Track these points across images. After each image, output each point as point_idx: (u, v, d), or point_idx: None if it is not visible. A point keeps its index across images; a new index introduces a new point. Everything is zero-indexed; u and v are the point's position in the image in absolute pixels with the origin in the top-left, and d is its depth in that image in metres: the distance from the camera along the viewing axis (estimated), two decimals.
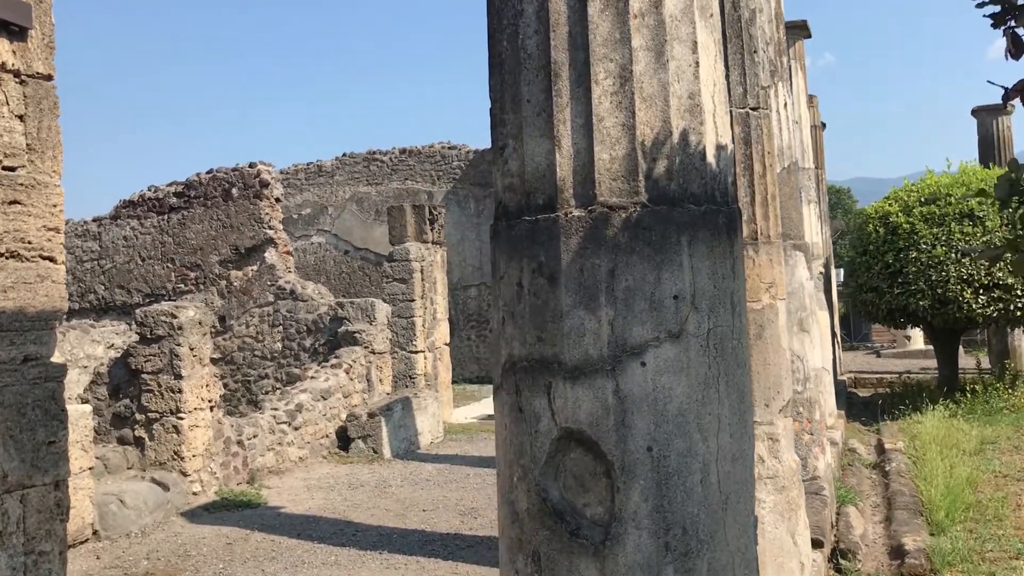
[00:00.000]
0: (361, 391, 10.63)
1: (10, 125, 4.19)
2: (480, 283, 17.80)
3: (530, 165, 2.18)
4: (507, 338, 2.26)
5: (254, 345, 12.42)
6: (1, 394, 4.08)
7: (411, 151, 18.31)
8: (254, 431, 8.67)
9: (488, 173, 17.70)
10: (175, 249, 12.92)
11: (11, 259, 4.15)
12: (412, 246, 12.09)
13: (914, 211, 12.15)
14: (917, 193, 12.51)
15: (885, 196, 13.49)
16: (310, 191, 19.08)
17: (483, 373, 17.71)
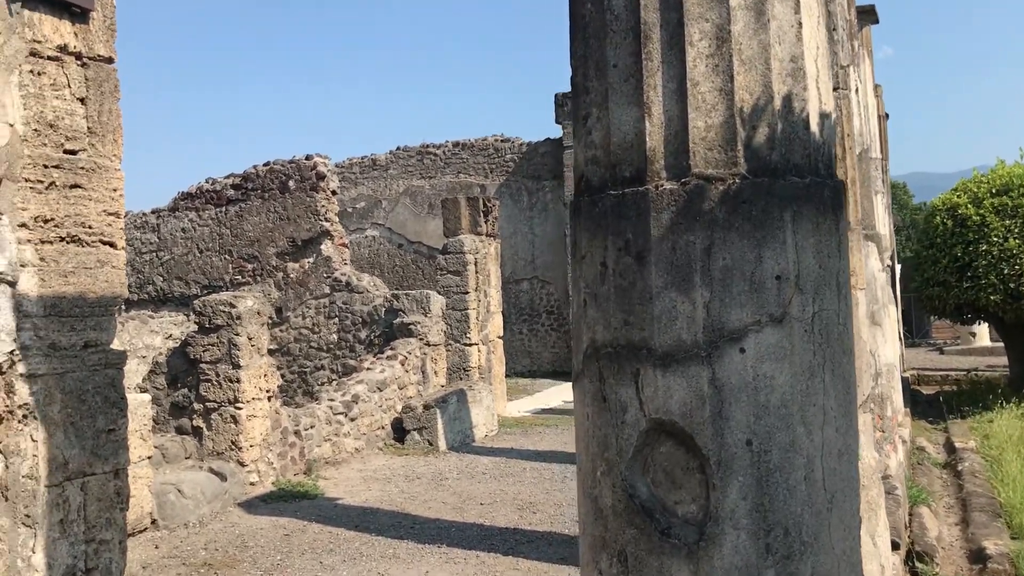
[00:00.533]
0: (416, 383, 10.57)
1: (71, 108, 4.15)
2: (532, 277, 17.67)
3: (616, 135, 2.04)
4: (589, 322, 2.12)
5: (310, 336, 12.44)
6: (62, 380, 4.05)
7: (464, 144, 18.24)
8: (311, 422, 8.64)
9: (542, 166, 17.56)
10: (232, 241, 12.99)
11: (72, 244, 4.11)
12: (466, 238, 11.99)
13: (984, 203, 11.72)
14: (988, 184, 12.07)
15: (952, 188, 13.05)
16: (364, 185, 19.11)
17: (535, 367, 17.59)
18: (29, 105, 3.91)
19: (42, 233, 3.95)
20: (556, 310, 17.53)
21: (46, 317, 3.94)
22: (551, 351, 17.57)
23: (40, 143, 3.96)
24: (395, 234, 18.76)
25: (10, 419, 3.77)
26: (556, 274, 17.42)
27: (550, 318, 17.56)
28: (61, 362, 4.00)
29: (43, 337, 3.92)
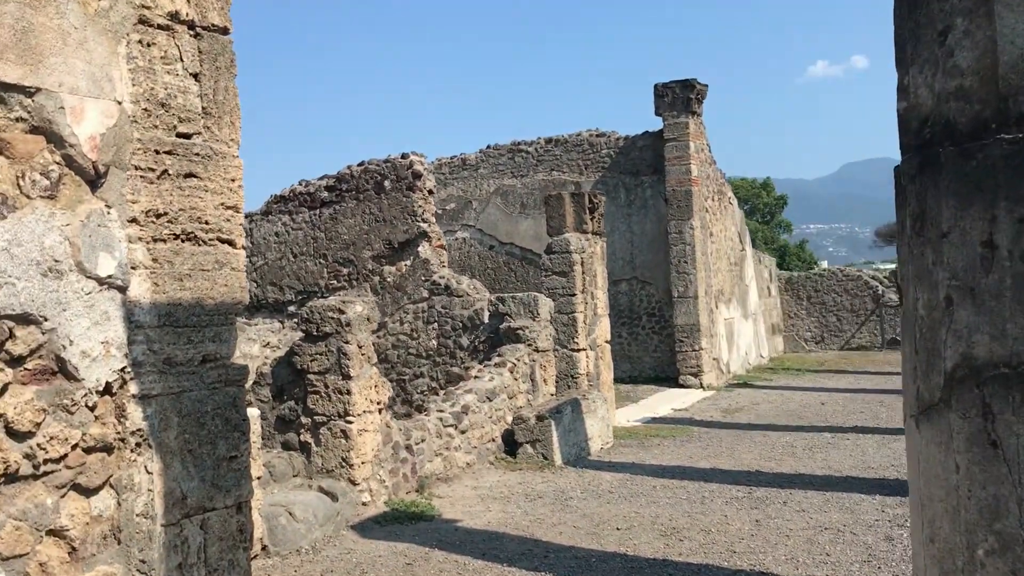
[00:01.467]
0: (526, 391, 9.91)
1: (184, 85, 3.58)
2: (631, 277, 16.88)
3: (1008, 52, 1.32)
4: (959, 330, 1.40)
5: (408, 343, 11.90)
6: (179, 401, 3.48)
7: (557, 140, 17.56)
8: (421, 435, 8.05)
9: (640, 161, 16.78)
10: (327, 244, 12.54)
11: (187, 242, 3.53)
12: (572, 237, 11.30)
13: None
14: None
15: None
16: (454, 185, 18.58)
17: (636, 372, 16.80)
18: (138, 81, 3.35)
19: (154, 230, 3.39)
20: (657, 312, 16.71)
21: (160, 328, 3.37)
22: (652, 356, 16.75)
23: (151, 125, 3.40)
24: (486, 235, 18.18)
25: (122, 448, 3.21)
26: (656, 274, 16.60)
27: (651, 320, 16.74)
28: (178, 380, 3.44)
29: (157, 351, 3.35)
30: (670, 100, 15.78)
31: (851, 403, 13.32)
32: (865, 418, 11.79)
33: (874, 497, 7.08)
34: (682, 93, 15.72)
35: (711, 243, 16.73)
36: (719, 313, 17.03)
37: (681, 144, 15.77)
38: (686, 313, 15.71)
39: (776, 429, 11.16)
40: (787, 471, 8.42)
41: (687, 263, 15.70)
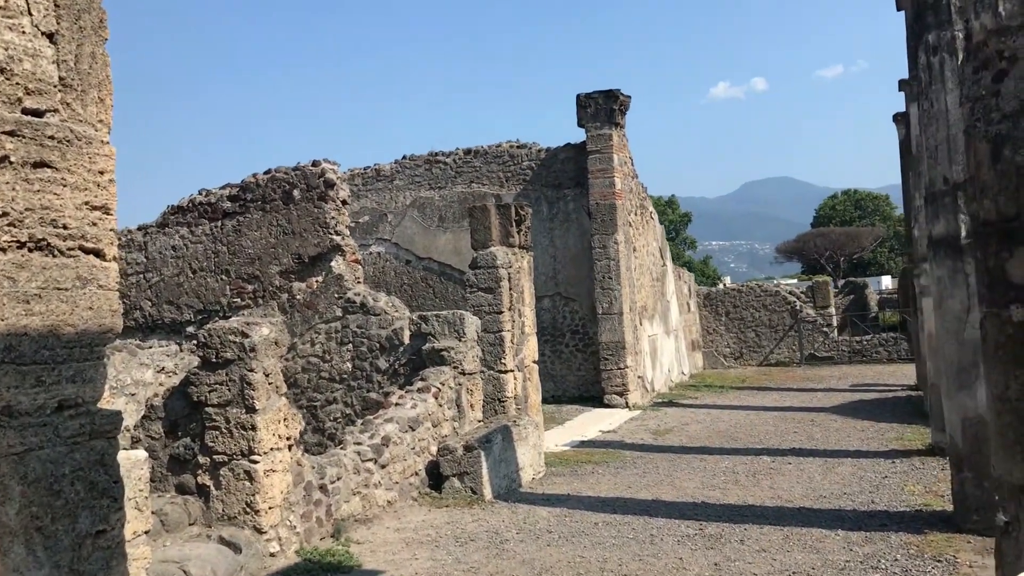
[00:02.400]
0: (451, 419, 9.13)
1: (33, 46, 2.72)
2: (554, 293, 16.26)
3: None
4: None
5: (320, 365, 10.97)
6: (23, 463, 2.61)
7: (476, 151, 16.86)
8: (337, 472, 7.18)
9: (563, 173, 16.20)
10: (230, 259, 11.52)
11: (36, 252, 2.66)
12: (498, 251, 10.59)
13: None
14: None
15: None
16: (368, 197, 17.68)
17: (559, 392, 16.15)
18: None
19: None
20: (581, 329, 16.11)
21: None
22: (576, 374, 16.13)
23: None
24: (402, 250, 17.32)
25: None
26: (580, 290, 16.01)
27: (575, 338, 16.13)
28: (21, 435, 2.57)
29: None
30: (593, 111, 15.26)
31: (781, 423, 12.93)
32: (800, 439, 11.38)
33: (836, 533, 6.53)
34: (605, 104, 15.22)
35: (635, 258, 16.26)
36: (643, 330, 16.55)
37: (604, 156, 15.26)
38: (611, 330, 15.16)
39: (712, 452, 10.64)
40: (735, 502, 7.84)
41: (611, 279, 15.16)
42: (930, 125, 6.27)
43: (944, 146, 6.15)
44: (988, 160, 3.63)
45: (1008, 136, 3.55)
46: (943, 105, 6.15)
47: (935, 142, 6.23)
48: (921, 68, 6.32)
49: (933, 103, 6.23)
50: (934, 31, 6.18)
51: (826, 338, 22.14)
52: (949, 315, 6.17)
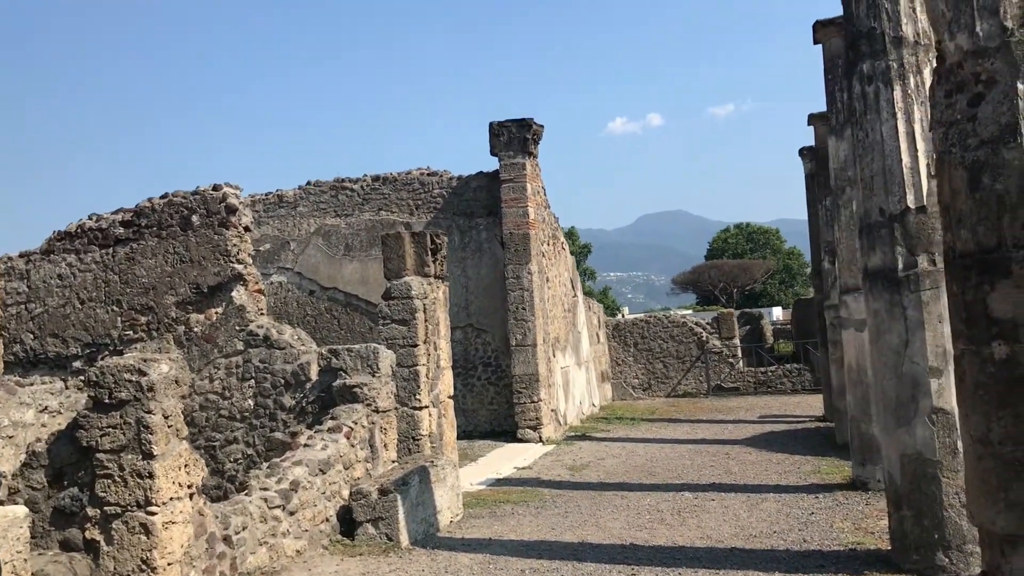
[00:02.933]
0: (364, 460, 8.60)
1: None
2: (466, 325, 15.85)
3: None
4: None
5: (219, 403, 10.27)
6: None
7: (385, 178, 16.39)
8: (242, 521, 6.58)
9: (475, 202, 15.88)
10: (122, 289, 10.73)
11: None
12: (413, 280, 10.15)
13: None
14: None
15: None
16: (270, 224, 16.97)
17: (471, 427, 15.70)
18: None
19: None
20: (494, 362, 15.72)
21: None
22: (488, 408, 15.71)
23: None
24: (306, 279, 16.66)
25: None
26: (493, 321, 15.65)
27: (487, 371, 15.73)
28: None
29: None
30: (506, 139, 15.01)
31: (697, 456, 12.80)
32: (719, 473, 11.23)
33: None
34: (518, 132, 15.00)
35: (548, 289, 16.01)
36: (556, 362, 16.29)
37: (518, 185, 15.01)
38: (524, 362, 14.83)
39: (632, 489, 10.37)
40: (664, 543, 7.54)
41: (525, 310, 14.86)
42: (865, 155, 6.17)
43: (880, 177, 6.05)
44: (965, 188, 3.43)
45: (987, 163, 3.36)
46: (879, 135, 6.06)
47: (871, 172, 6.13)
48: (855, 97, 6.23)
49: (868, 133, 6.14)
50: (868, 60, 6.10)
51: (732, 369, 22.34)
52: (887, 349, 6.04)
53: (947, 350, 5.86)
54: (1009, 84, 3.25)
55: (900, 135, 5.99)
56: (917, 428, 5.90)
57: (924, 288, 5.89)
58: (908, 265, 5.95)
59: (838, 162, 9.48)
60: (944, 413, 5.83)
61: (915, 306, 5.91)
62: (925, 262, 5.91)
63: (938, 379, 5.85)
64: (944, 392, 5.83)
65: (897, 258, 5.98)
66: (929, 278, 5.89)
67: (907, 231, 5.95)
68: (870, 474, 9.33)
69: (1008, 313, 3.25)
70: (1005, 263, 3.26)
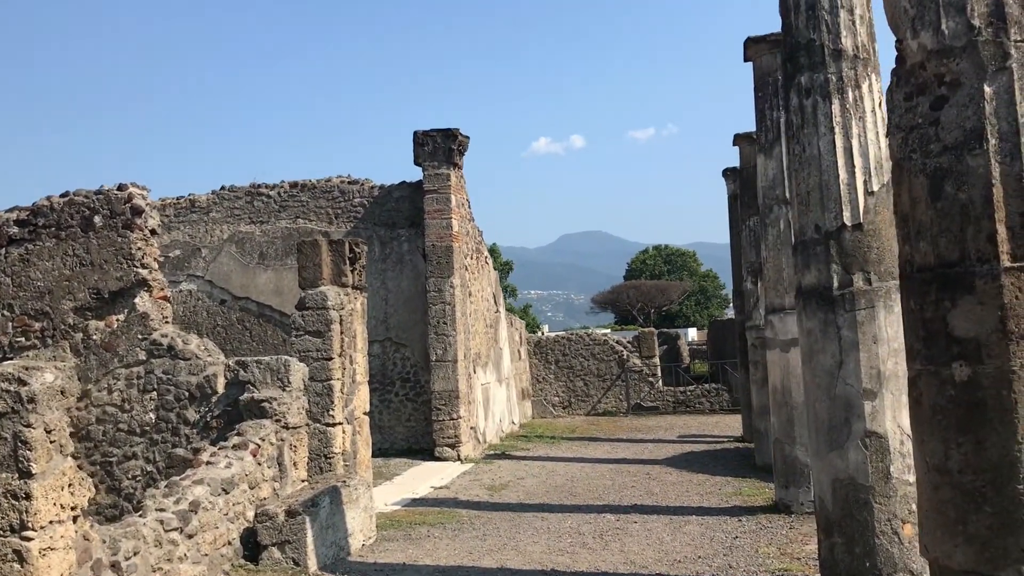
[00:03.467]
0: (272, 479, 8.08)
1: None
2: (385, 339, 15.36)
3: None
4: None
5: (118, 416, 9.60)
6: None
7: (304, 185, 15.83)
8: (134, 546, 6.03)
9: (397, 212, 15.45)
10: (15, 293, 9.98)
11: None
12: (330, 291, 9.68)
13: None
14: None
15: None
16: (180, 230, 16.22)
17: (387, 444, 15.20)
18: None
19: None
20: (412, 377, 15.27)
21: None
22: (406, 425, 15.23)
23: None
24: (217, 288, 15.95)
25: None
26: (412, 335, 15.21)
27: (405, 387, 15.26)
28: None
29: None
30: (431, 149, 14.65)
31: (618, 475, 12.58)
32: (640, 494, 11.02)
33: None
34: (444, 143, 14.65)
35: (470, 303, 15.66)
36: (476, 378, 15.92)
37: (442, 196, 14.64)
38: (444, 378, 14.42)
39: (552, 510, 10.07)
40: (587, 568, 7.24)
41: (446, 324, 14.47)
42: (801, 170, 6.01)
43: (816, 192, 5.90)
44: (926, 196, 3.20)
45: (950, 170, 3.14)
46: (816, 150, 5.90)
47: (807, 188, 5.97)
48: (792, 110, 6.07)
49: (805, 147, 5.98)
50: (807, 72, 5.95)
51: (652, 388, 22.31)
52: (820, 370, 5.87)
53: (881, 372, 5.73)
54: (975, 87, 3.04)
55: (838, 150, 5.84)
56: (850, 452, 5.72)
57: (859, 307, 5.74)
58: (843, 283, 5.79)
59: (766, 180, 9.41)
60: (878, 437, 5.67)
61: (850, 326, 5.75)
62: (861, 281, 5.76)
63: (872, 401, 5.70)
64: (878, 415, 5.68)
65: (832, 276, 5.81)
66: (864, 297, 5.74)
67: (843, 248, 5.80)
68: (793, 497, 9.22)
69: (970, 332, 3.04)
70: (968, 278, 3.04)
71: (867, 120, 5.87)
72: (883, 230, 5.80)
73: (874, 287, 5.73)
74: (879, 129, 5.88)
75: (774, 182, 9.30)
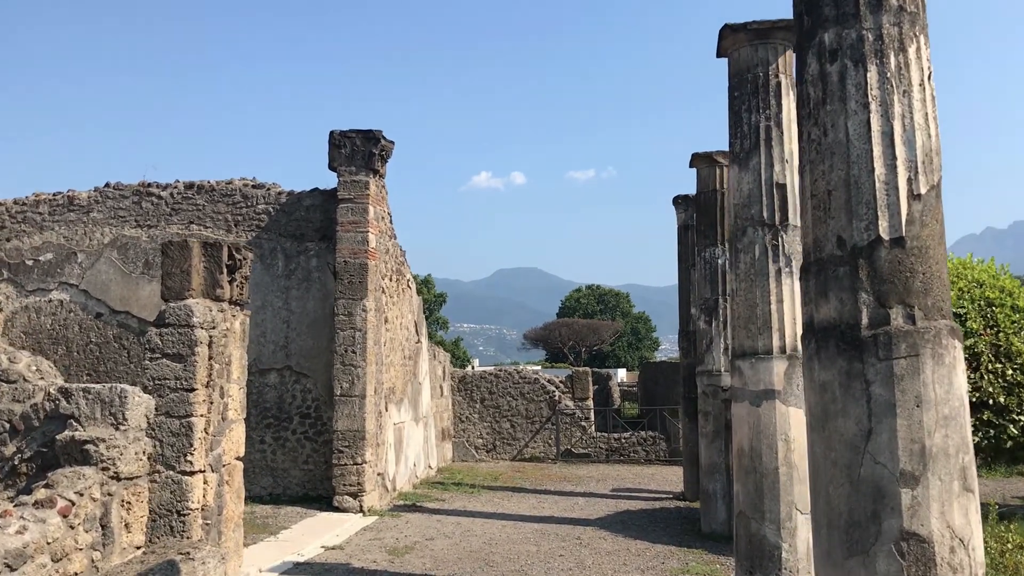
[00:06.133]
0: (90, 546, 6.09)
1: None
2: (284, 367, 13.36)
3: None
4: None
5: None
6: None
7: (201, 186, 13.81)
8: None
9: (306, 222, 13.53)
10: None
11: None
12: (197, 304, 7.75)
13: None
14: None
15: None
16: (54, 230, 14.04)
17: (279, 489, 13.14)
18: None
19: None
20: (313, 413, 13.26)
21: None
22: (303, 468, 13.19)
23: None
24: (93, 299, 13.78)
25: None
26: (316, 364, 13.23)
27: (304, 423, 13.24)
28: None
29: None
30: (348, 152, 12.82)
31: (544, 540, 10.77)
32: (568, 566, 9.24)
33: None
34: (364, 146, 12.84)
35: (386, 331, 13.77)
36: (388, 416, 13.99)
37: (358, 207, 12.79)
38: (349, 416, 12.47)
39: None
40: None
41: (355, 353, 12.54)
42: (820, 162, 4.36)
43: (842, 192, 4.24)
44: None
45: None
46: (842, 134, 4.26)
47: (827, 186, 4.32)
48: (810, 80, 4.43)
49: (826, 130, 4.33)
50: (833, 28, 4.32)
51: (584, 433, 20.55)
52: (838, 441, 4.17)
53: (926, 448, 4.06)
54: None
55: (873, 134, 4.20)
56: (879, 560, 4.02)
57: (898, 355, 4.06)
58: (876, 320, 4.11)
59: (740, 197, 7.83)
60: (919, 541, 3.98)
61: (884, 381, 4.06)
62: (901, 317, 4.09)
63: (912, 489, 4.01)
64: (920, 510, 3.99)
65: (861, 309, 4.14)
66: (906, 341, 4.07)
67: (877, 271, 4.13)
68: None
69: None
70: None
71: (913, 96, 4.25)
72: (932, 248, 4.18)
73: (919, 327, 4.07)
74: (928, 109, 4.27)
75: (750, 199, 7.72)
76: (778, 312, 7.58)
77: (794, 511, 7.34)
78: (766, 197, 7.74)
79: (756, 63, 8.04)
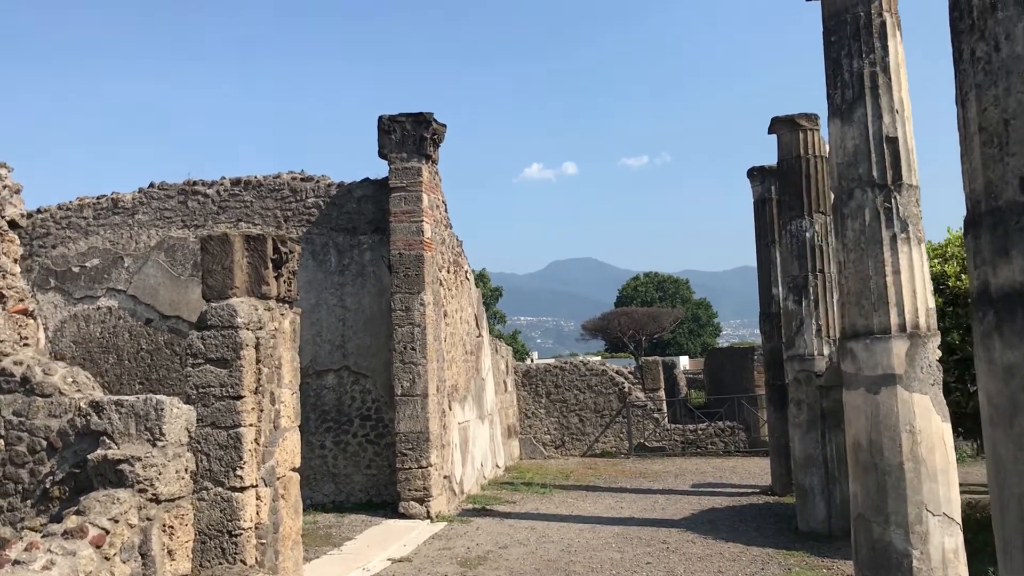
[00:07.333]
0: None
1: None
2: (341, 367, 12.69)
3: None
4: None
5: None
6: None
7: (248, 182, 13.21)
8: None
9: (358, 215, 12.83)
10: None
11: None
12: (241, 304, 7.05)
13: None
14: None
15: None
16: (99, 235, 13.57)
17: (342, 496, 12.49)
18: None
19: None
20: (374, 415, 12.57)
21: None
22: (365, 473, 12.51)
23: None
24: (142, 304, 13.28)
25: None
26: (375, 363, 12.53)
27: (365, 426, 12.56)
28: None
29: None
30: (399, 138, 12.08)
31: (627, 545, 9.92)
32: (658, 574, 8.38)
33: None
34: (414, 130, 12.09)
35: (445, 325, 13.01)
36: (452, 416, 13.25)
37: (412, 195, 12.04)
38: (412, 416, 11.75)
39: None
40: None
41: (415, 350, 11.81)
42: (991, 85, 3.41)
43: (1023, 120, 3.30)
44: None
45: None
46: (1021, 46, 3.31)
47: (1002, 115, 3.37)
48: None
49: (999, 44, 3.39)
50: None
51: (657, 426, 19.60)
52: None
53: None
54: None
55: None
56: None
57: None
58: None
59: (844, 156, 6.86)
60: None
61: None
62: None
63: None
64: None
65: None
66: None
67: None
68: None
69: None
70: None
71: None
72: None
73: None
74: None
75: (856, 157, 6.75)
76: (895, 285, 6.59)
77: (925, 513, 6.35)
78: (875, 154, 6.75)
79: (856, 1, 7.04)
